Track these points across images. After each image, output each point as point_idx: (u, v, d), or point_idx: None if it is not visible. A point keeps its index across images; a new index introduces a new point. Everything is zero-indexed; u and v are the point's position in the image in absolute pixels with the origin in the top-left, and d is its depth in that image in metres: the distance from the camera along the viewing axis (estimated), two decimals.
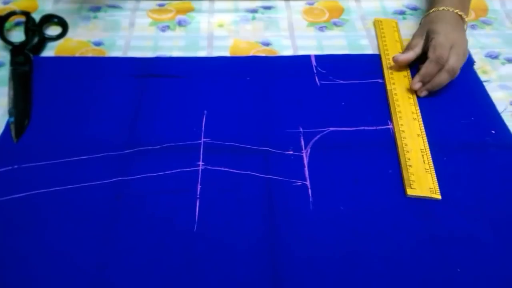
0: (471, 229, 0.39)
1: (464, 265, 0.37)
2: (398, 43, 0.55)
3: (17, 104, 0.46)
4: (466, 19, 0.53)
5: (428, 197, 0.41)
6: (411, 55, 0.51)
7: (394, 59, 0.51)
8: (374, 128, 0.46)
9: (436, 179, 0.42)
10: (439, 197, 0.41)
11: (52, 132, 0.44)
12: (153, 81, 0.50)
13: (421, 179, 0.42)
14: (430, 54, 0.48)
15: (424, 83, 0.49)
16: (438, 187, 0.41)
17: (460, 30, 0.51)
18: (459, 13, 0.52)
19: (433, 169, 0.43)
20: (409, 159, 0.43)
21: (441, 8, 0.52)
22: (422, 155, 0.44)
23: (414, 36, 0.53)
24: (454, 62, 0.47)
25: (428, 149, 0.44)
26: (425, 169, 0.43)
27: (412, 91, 0.50)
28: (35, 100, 0.47)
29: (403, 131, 0.46)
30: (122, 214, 0.39)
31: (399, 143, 0.45)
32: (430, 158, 0.44)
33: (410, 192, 0.41)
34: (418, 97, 0.50)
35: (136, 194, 0.40)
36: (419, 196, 0.41)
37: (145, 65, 0.51)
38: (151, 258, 0.36)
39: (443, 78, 0.48)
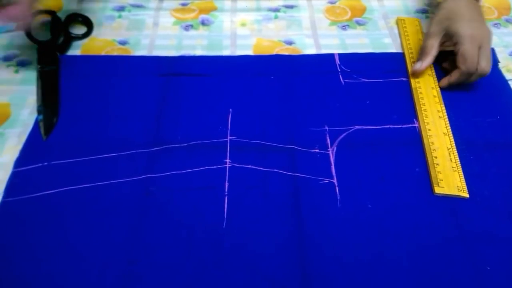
0: (499, 227, 0.39)
1: (494, 263, 0.37)
2: (421, 41, 0.55)
3: (45, 102, 0.47)
4: None
5: (456, 195, 0.41)
6: (429, 61, 0.50)
7: (414, 71, 0.50)
8: (400, 126, 0.46)
9: (463, 177, 0.42)
10: (466, 195, 0.40)
11: (80, 129, 0.45)
12: (178, 79, 0.50)
13: (449, 177, 0.42)
14: (461, 65, 0.47)
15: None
16: (465, 186, 0.41)
17: (480, 19, 0.49)
18: None
19: (460, 167, 0.42)
20: (436, 157, 0.43)
21: None
22: (449, 154, 0.43)
23: (428, 36, 0.50)
24: (485, 66, 0.46)
25: (455, 148, 0.44)
26: (452, 167, 0.42)
27: (437, 89, 0.49)
28: (62, 98, 0.48)
29: (429, 129, 0.45)
30: (152, 211, 0.39)
31: (425, 141, 0.45)
32: (457, 157, 0.43)
33: (438, 190, 0.41)
34: (441, 90, 0.49)
35: (165, 191, 0.40)
36: (447, 194, 0.41)
37: (170, 63, 0.52)
38: (181, 254, 0.37)
39: (473, 80, 0.48)
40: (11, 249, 0.37)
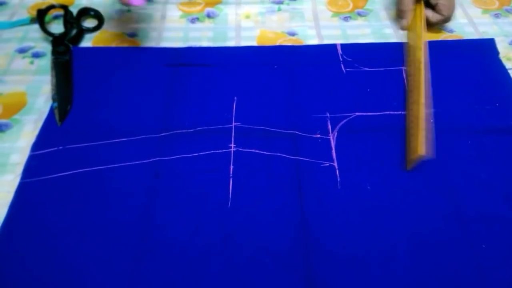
0: (495, 208, 0.40)
1: (489, 241, 0.38)
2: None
3: (59, 91, 0.49)
4: None
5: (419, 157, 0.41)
6: (410, 15, 0.57)
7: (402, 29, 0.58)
8: (400, 112, 0.48)
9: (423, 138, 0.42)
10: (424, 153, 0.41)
11: (92, 116, 0.47)
12: (185, 69, 0.52)
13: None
14: (443, 12, 0.55)
15: None
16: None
17: None
18: None
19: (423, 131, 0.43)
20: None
21: None
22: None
23: None
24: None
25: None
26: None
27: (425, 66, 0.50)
28: (75, 87, 0.50)
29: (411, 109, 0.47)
30: (161, 191, 0.41)
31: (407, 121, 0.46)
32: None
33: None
34: (444, 78, 0.51)
35: (173, 173, 0.42)
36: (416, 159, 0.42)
37: (178, 54, 0.54)
38: (189, 231, 0.39)
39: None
40: (30, 227, 0.39)
